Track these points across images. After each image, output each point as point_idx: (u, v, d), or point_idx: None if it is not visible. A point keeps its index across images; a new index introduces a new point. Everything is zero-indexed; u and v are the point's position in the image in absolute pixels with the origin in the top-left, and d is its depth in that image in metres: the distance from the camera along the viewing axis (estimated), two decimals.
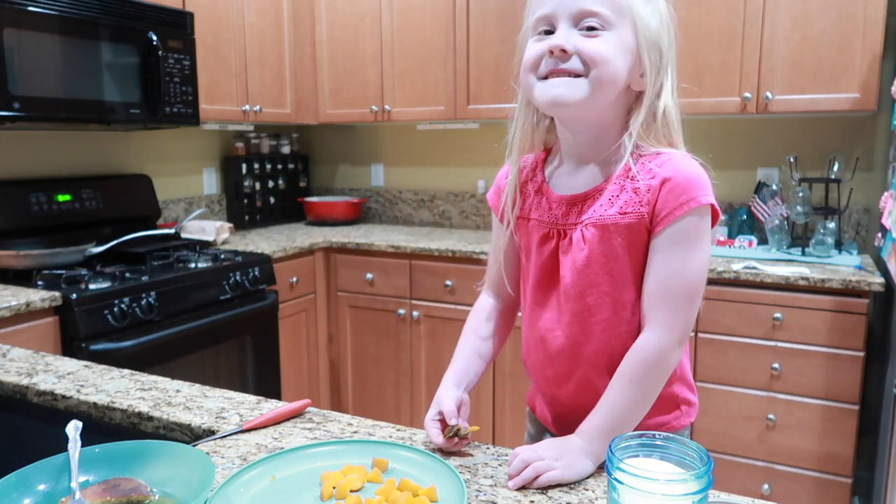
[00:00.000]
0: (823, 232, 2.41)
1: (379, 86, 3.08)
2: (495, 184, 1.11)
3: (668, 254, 0.88)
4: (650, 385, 0.90)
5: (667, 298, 0.89)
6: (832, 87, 2.31)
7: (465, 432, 0.89)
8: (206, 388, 1.13)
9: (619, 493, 0.64)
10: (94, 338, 1.94)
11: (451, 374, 1.04)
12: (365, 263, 2.89)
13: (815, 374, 2.16)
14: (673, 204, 0.87)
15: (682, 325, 0.89)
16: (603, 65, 0.87)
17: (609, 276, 0.93)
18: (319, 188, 3.78)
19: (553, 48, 0.87)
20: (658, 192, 0.88)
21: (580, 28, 0.88)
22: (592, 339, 0.96)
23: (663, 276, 0.89)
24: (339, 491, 0.79)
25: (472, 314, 1.14)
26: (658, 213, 0.88)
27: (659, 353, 0.89)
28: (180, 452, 0.81)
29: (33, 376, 1.17)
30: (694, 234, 0.88)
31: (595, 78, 0.87)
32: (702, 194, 0.87)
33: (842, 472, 2.17)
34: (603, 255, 0.92)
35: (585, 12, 0.87)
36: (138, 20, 2.32)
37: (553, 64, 0.88)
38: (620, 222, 0.90)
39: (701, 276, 0.90)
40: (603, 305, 0.94)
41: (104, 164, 2.75)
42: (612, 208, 0.91)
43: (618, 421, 0.89)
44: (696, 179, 0.88)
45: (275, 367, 2.65)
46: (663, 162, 0.90)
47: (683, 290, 0.89)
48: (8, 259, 2.06)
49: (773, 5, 2.34)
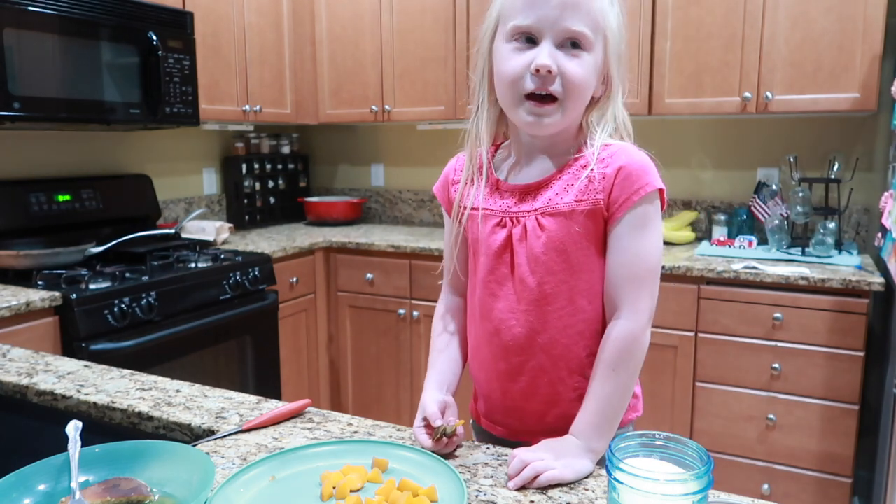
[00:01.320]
0: (823, 232, 2.41)
1: (379, 86, 3.08)
2: (443, 178, 1.10)
3: (629, 239, 0.91)
4: (631, 370, 0.92)
5: (632, 282, 0.91)
6: (832, 87, 2.31)
7: (452, 429, 0.89)
8: (206, 388, 1.13)
9: (619, 493, 0.64)
10: (94, 338, 1.94)
11: (432, 378, 1.04)
12: (365, 263, 2.89)
13: (815, 374, 2.16)
14: (629, 191, 0.90)
15: (650, 306, 0.92)
16: (580, 90, 0.90)
17: (566, 263, 0.94)
18: (319, 188, 3.78)
19: (540, 68, 0.87)
20: (613, 180, 0.91)
21: (561, 46, 0.88)
22: (548, 327, 0.97)
23: (627, 260, 0.92)
24: (339, 491, 0.79)
25: (438, 315, 1.13)
26: (615, 200, 0.91)
27: (633, 337, 0.91)
28: (180, 452, 0.81)
29: (33, 376, 1.17)
30: (648, 219, 0.91)
31: (571, 102, 0.90)
32: (653, 180, 0.91)
33: (842, 472, 2.17)
34: (560, 241, 0.93)
35: (571, 32, 0.88)
36: (138, 20, 2.32)
37: (538, 83, 0.89)
38: (577, 209, 0.92)
39: (659, 257, 0.94)
40: (559, 294, 0.95)
41: (104, 164, 2.75)
42: (567, 196, 0.93)
43: (608, 412, 0.90)
44: (647, 167, 0.91)
45: (275, 367, 2.65)
46: (614, 152, 0.92)
47: (646, 271, 0.92)
48: (8, 259, 2.06)
49: (773, 5, 2.34)
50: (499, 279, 1.00)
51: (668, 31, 2.50)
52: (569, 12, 0.87)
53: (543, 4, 0.87)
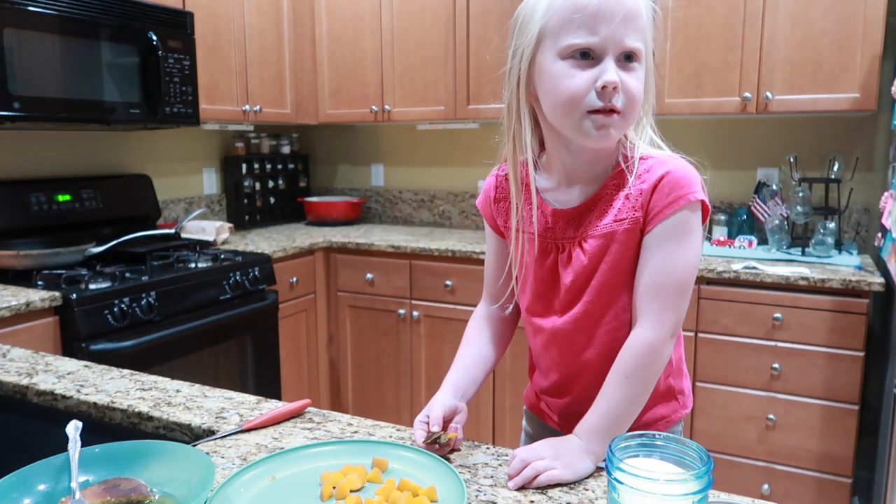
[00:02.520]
0: (823, 232, 2.41)
1: (379, 86, 3.08)
2: (484, 192, 1.11)
3: (659, 249, 0.90)
4: (645, 381, 0.91)
5: (658, 293, 0.90)
6: (832, 87, 2.31)
7: (444, 440, 0.89)
8: (206, 388, 1.13)
9: (619, 493, 0.64)
10: (94, 338, 1.94)
11: (450, 380, 1.04)
12: (365, 263, 2.89)
13: (815, 374, 2.16)
14: (664, 202, 0.89)
15: (674, 318, 0.90)
16: (638, 103, 0.89)
17: (610, 283, 0.94)
18: (319, 188, 3.78)
19: (609, 84, 0.85)
20: (650, 195, 0.90)
21: (618, 60, 0.87)
22: (595, 343, 0.98)
23: (654, 271, 0.90)
24: (339, 491, 0.79)
25: (472, 321, 1.14)
26: (650, 212, 0.90)
27: (652, 349, 0.90)
28: (180, 452, 0.81)
29: (33, 376, 1.17)
30: (684, 230, 0.89)
31: (629, 115, 0.89)
32: (692, 191, 0.88)
33: (842, 472, 2.17)
34: (603, 263, 0.94)
35: (629, 48, 0.87)
36: (138, 20, 2.32)
37: (606, 99, 0.87)
38: (618, 230, 0.92)
39: (692, 271, 0.91)
40: (605, 312, 0.96)
41: (104, 164, 2.75)
42: (606, 217, 0.93)
43: (615, 418, 0.90)
44: (685, 177, 0.89)
45: (275, 367, 2.65)
46: (651, 165, 0.91)
47: (674, 284, 0.90)
48: (8, 259, 2.06)
49: (773, 5, 2.34)
50: (544, 300, 1.02)
51: (668, 31, 2.50)
52: (629, 28, 0.86)
53: (607, 23, 0.85)
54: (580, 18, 0.86)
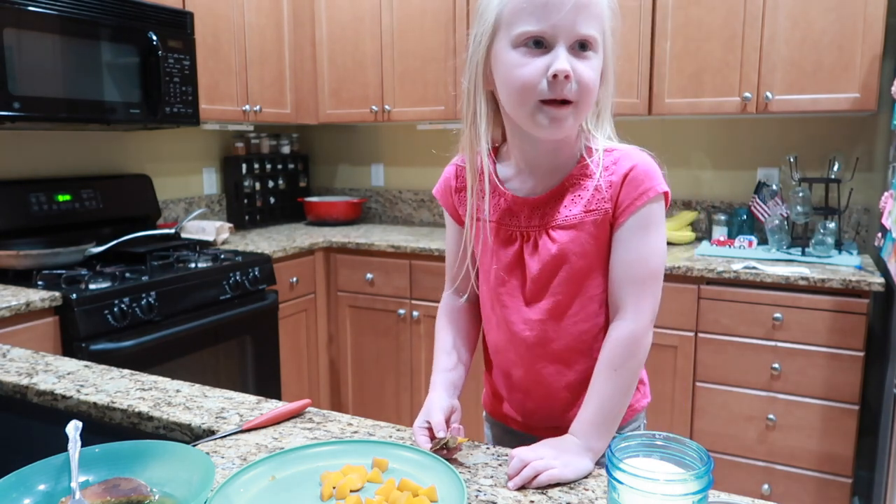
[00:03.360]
0: (823, 232, 2.41)
1: (379, 86, 3.08)
2: (444, 182, 1.10)
3: (633, 241, 0.92)
4: (632, 371, 0.92)
5: (635, 283, 0.92)
6: (832, 87, 2.31)
7: (454, 444, 0.88)
8: (206, 388, 1.13)
9: (619, 493, 0.64)
10: (94, 338, 1.94)
11: (439, 380, 1.03)
12: (365, 263, 2.89)
13: (815, 374, 2.16)
14: (634, 195, 0.91)
15: (652, 306, 0.92)
16: (592, 92, 0.89)
17: (578, 273, 0.95)
18: (319, 188, 3.78)
19: (559, 73, 0.85)
20: (619, 187, 0.91)
21: (571, 49, 0.87)
22: (563, 334, 0.98)
23: (630, 262, 0.92)
24: (339, 491, 0.79)
25: (441, 314, 1.12)
26: (620, 205, 0.92)
27: (635, 338, 0.91)
28: (180, 452, 0.81)
29: (33, 376, 1.17)
30: (653, 221, 0.92)
31: (582, 105, 0.89)
32: (658, 183, 0.91)
33: (842, 472, 2.17)
34: (573, 253, 0.94)
35: (582, 36, 0.86)
36: (138, 20, 2.32)
37: (557, 89, 0.86)
38: (586, 220, 0.93)
39: (663, 259, 0.94)
40: (572, 303, 0.96)
41: (104, 164, 2.75)
42: (576, 207, 0.94)
43: (608, 412, 0.90)
44: (652, 170, 0.92)
45: (275, 367, 2.65)
46: (618, 158, 0.93)
47: (649, 273, 0.92)
48: (8, 259, 2.06)
49: (773, 5, 2.34)
50: (510, 291, 1.00)
51: (668, 31, 2.50)
52: (582, 16, 0.85)
53: (557, 10, 0.85)
54: (531, 6, 0.86)
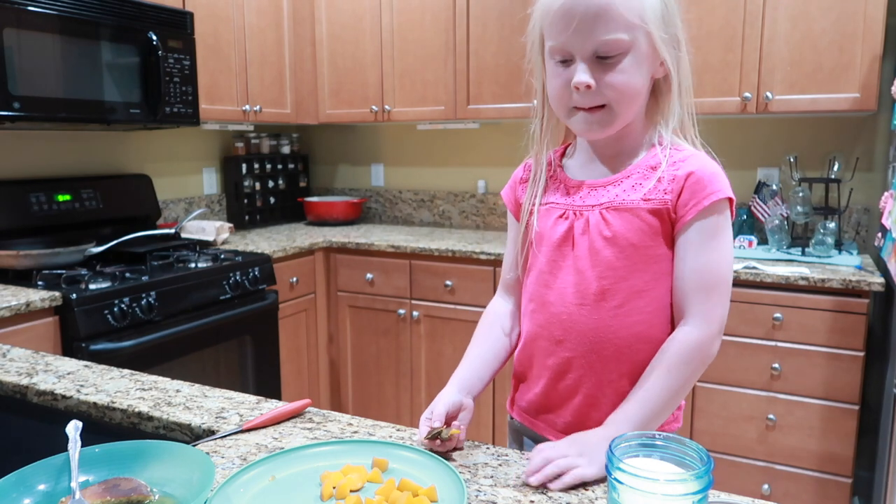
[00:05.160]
0: (823, 232, 2.41)
1: (379, 86, 3.08)
2: (512, 181, 1.10)
3: (701, 246, 0.91)
4: (687, 376, 0.90)
5: (705, 290, 0.91)
6: (832, 87, 2.31)
7: (446, 436, 0.88)
8: (206, 388, 1.13)
9: (619, 493, 0.64)
10: (94, 338, 1.94)
11: (456, 377, 1.02)
12: (365, 263, 2.89)
13: (815, 374, 2.16)
14: (699, 195, 0.90)
15: (721, 315, 0.92)
16: (625, 95, 0.89)
17: (627, 261, 0.93)
18: (319, 188, 3.78)
19: (578, 85, 0.88)
20: (683, 183, 0.91)
21: (598, 57, 0.88)
22: (602, 325, 0.95)
23: (699, 268, 0.91)
24: (339, 491, 0.79)
25: (484, 316, 1.11)
26: (684, 203, 0.91)
27: (700, 346, 0.90)
28: (180, 452, 0.81)
29: (33, 376, 1.17)
30: (721, 226, 0.91)
31: (621, 106, 0.90)
32: (724, 188, 0.91)
33: (842, 472, 2.17)
34: (624, 237, 0.92)
35: (601, 45, 0.87)
36: (138, 20, 2.32)
37: (580, 99, 0.89)
38: (643, 207, 0.92)
39: (731, 267, 0.94)
40: (618, 291, 0.94)
41: (104, 164, 2.75)
42: (634, 194, 0.93)
43: (650, 411, 0.88)
44: (718, 175, 0.92)
45: (275, 367, 2.65)
46: (686, 157, 0.93)
47: (718, 280, 0.91)
48: (8, 259, 2.06)
49: (773, 5, 2.34)
50: (555, 270, 0.98)
51: None
52: (600, 25, 0.86)
53: (568, 26, 0.86)
54: (550, 22, 0.90)
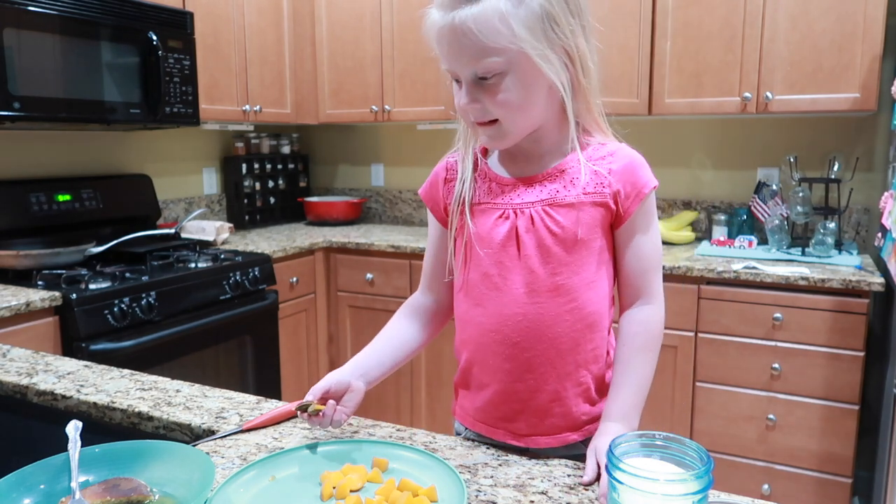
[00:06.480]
0: (823, 232, 2.41)
1: (379, 86, 3.08)
2: (432, 178, 1.08)
3: (644, 232, 0.98)
4: (657, 353, 0.99)
5: (654, 270, 0.99)
6: (832, 87, 2.31)
7: (312, 411, 0.92)
8: (206, 388, 1.13)
9: (619, 493, 0.64)
10: (94, 338, 1.94)
11: (356, 358, 1.03)
12: (365, 263, 2.89)
13: (815, 374, 2.16)
14: (639, 186, 0.95)
15: (662, 291, 1.01)
16: (511, 108, 0.90)
17: (577, 254, 0.95)
18: (319, 188, 3.78)
19: (461, 108, 0.92)
20: (621, 176, 0.95)
21: (474, 82, 0.89)
22: (558, 320, 0.95)
23: (646, 252, 0.98)
24: (339, 491, 0.79)
25: (405, 306, 1.12)
26: (627, 196, 0.95)
27: (659, 320, 0.99)
28: (180, 452, 0.81)
29: (33, 376, 1.17)
30: (653, 210, 1.00)
31: (509, 119, 0.92)
32: (653, 177, 0.98)
33: (842, 472, 2.17)
34: (571, 233, 0.94)
35: (477, 70, 0.88)
36: (138, 20, 2.32)
37: (472, 115, 0.93)
38: (586, 201, 0.94)
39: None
40: (570, 286, 0.95)
41: (104, 164, 2.75)
42: (574, 189, 0.95)
43: (644, 393, 0.96)
44: (646, 164, 0.98)
45: (275, 367, 2.65)
46: (614, 150, 0.97)
47: (659, 260, 1.00)
48: (8, 259, 2.06)
49: (773, 5, 2.34)
50: (503, 271, 0.97)
51: (668, 31, 2.50)
52: (468, 54, 0.87)
53: (445, 53, 0.90)
54: (435, 46, 0.92)
